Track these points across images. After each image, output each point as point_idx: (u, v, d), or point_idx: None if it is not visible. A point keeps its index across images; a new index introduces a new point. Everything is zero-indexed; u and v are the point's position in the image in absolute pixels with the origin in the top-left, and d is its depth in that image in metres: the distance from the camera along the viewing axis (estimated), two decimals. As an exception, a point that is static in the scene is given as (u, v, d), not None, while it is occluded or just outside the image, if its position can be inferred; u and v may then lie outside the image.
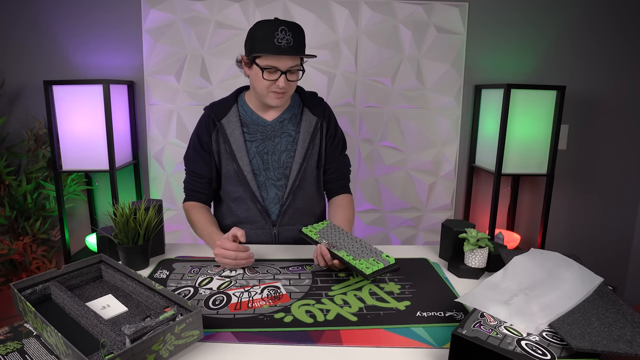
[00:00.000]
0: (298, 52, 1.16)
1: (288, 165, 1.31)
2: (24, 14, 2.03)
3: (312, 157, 1.33)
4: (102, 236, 1.11)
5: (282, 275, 1.07)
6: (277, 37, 1.13)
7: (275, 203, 1.33)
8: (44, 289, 0.90)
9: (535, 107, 1.96)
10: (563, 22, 2.16)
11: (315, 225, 1.17)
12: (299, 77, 1.22)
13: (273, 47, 1.13)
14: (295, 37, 1.15)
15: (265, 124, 1.31)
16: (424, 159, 2.24)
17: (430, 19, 2.10)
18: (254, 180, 1.29)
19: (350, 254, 1.03)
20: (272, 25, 1.14)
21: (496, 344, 0.69)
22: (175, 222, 2.22)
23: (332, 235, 1.12)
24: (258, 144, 1.30)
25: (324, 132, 1.35)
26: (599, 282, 0.91)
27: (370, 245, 1.09)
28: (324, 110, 1.36)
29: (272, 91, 1.21)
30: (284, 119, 1.32)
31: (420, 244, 1.59)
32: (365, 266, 0.97)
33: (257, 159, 1.30)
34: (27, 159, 2.09)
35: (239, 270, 1.09)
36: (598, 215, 2.38)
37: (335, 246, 1.06)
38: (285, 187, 1.32)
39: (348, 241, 1.09)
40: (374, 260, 1.00)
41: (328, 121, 1.36)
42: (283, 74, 1.17)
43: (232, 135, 1.29)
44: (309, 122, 1.32)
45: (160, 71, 2.08)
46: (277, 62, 1.16)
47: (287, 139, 1.31)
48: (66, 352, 0.68)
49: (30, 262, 2.02)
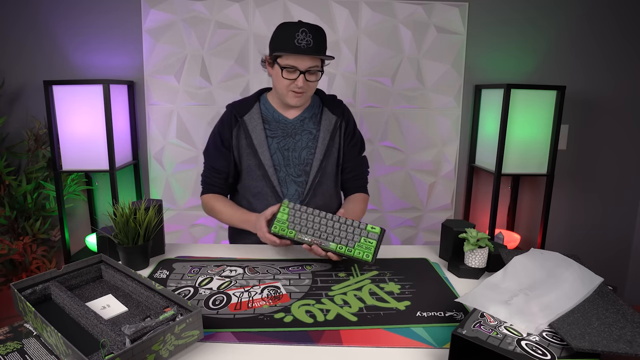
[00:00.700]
0: (317, 53, 1.20)
1: (309, 162, 1.34)
2: (24, 14, 2.03)
3: (332, 155, 1.37)
4: (102, 236, 1.11)
5: (282, 275, 1.07)
6: (298, 38, 1.18)
7: (295, 199, 1.35)
8: (44, 289, 0.90)
9: (535, 107, 1.96)
10: (563, 22, 2.16)
11: (278, 216, 1.11)
12: (318, 77, 1.27)
13: (293, 47, 1.18)
14: (315, 39, 1.20)
15: (286, 122, 1.35)
16: (424, 159, 2.24)
17: (430, 19, 2.10)
18: (275, 175, 1.32)
19: (340, 242, 1.02)
20: (294, 26, 1.20)
21: (496, 344, 0.69)
22: (175, 222, 2.22)
23: (303, 221, 1.09)
24: (279, 140, 1.34)
25: (343, 131, 1.39)
26: (599, 282, 0.91)
27: (346, 220, 1.08)
28: (344, 110, 1.41)
29: (292, 90, 1.26)
30: (305, 117, 1.36)
31: (420, 244, 1.59)
32: (364, 253, 0.97)
33: (278, 154, 1.33)
34: (27, 159, 2.09)
35: (239, 270, 1.09)
36: (598, 215, 2.38)
37: (319, 239, 1.05)
38: (305, 184, 1.35)
39: (324, 223, 1.08)
40: (365, 240, 1.00)
41: (347, 121, 1.41)
42: (302, 73, 1.22)
43: (253, 130, 1.32)
44: (329, 121, 1.36)
45: (160, 71, 2.08)
46: (296, 61, 1.21)
47: (307, 136, 1.35)
48: (66, 352, 0.68)
49: (30, 262, 2.02)
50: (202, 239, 2.25)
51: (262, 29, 2.07)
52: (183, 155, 2.16)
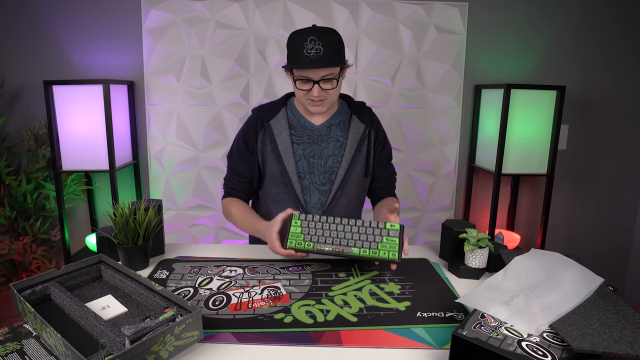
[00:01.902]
0: (326, 63, 1.14)
1: (334, 171, 1.30)
2: (24, 14, 2.03)
3: (359, 164, 1.32)
4: (101, 236, 1.11)
5: (282, 276, 1.07)
6: (307, 48, 1.13)
7: (317, 208, 1.30)
8: (44, 290, 0.90)
9: (535, 107, 1.95)
10: (563, 22, 2.16)
11: (291, 230, 1.05)
12: (334, 85, 1.19)
13: (302, 59, 1.14)
14: (326, 46, 1.13)
15: (312, 128, 1.30)
16: (424, 159, 2.24)
17: (430, 19, 2.10)
18: (298, 182, 1.27)
19: (362, 245, 0.98)
20: (303, 35, 1.15)
21: (497, 345, 0.69)
22: (175, 222, 2.22)
23: (319, 231, 1.05)
24: (305, 147, 1.29)
25: (372, 140, 1.34)
26: (599, 282, 0.91)
27: (363, 222, 1.05)
28: (372, 119, 1.36)
29: (309, 99, 1.21)
30: (332, 124, 1.31)
31: (420, 244, 1.59)
32: (389, 253, 0.95)
33: (303, 161, 1.29)
34: (27, 159, 2.09)
35: (239, 271, 1.09)
36: (598, 215, 2.37)
37: (340, 246, 1.00)
38: (329, 193, 1.30)
39: (341, 229, 1.04)
40: (387, 240, 0.97)
41: (377, 130, 1.36)
42: (316, 83, 1.17)
43: (279, 135, 1.28)
44: (357, 129, 1.31)
45: (160, 71, 2.08)
46: (308, 72, 1.16)
47: (334, 144, 1.30)
48: (66, 353, 0.68)
49: (30, 262, 2.02)
50: (202, 239, 2.25)
51: (262, 29, 2.06)
52: (183, 155, 2.16)
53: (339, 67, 1.19)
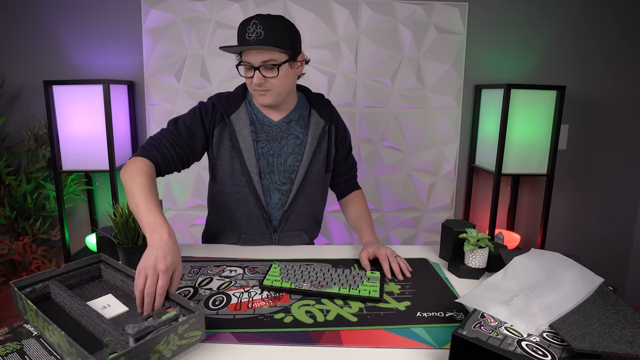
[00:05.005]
0: (262, 44, 1.07)
1: (294, 169, 1.26)
2: (25, 14, 2.03)
3: (319, 162, 1.28)
4: (102, 236, 1.11)
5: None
6: (249, 32, 1.08)
7: (278, 208, 1.27)
8: (44, 288, 0.90)
9: (535, 107, 1.96)
10: (563, 22, 2.16)
11: (270, 272, 1.02)
12: (275, 73, 1.12)
13: (241, 41, 1.10)
14: (267, 30, 1.07)
15: (271, 124, 1.24)
16: (424, 159, 2.24)
17: (430, 19, 2.10)
18: (259, 182, 1.23)
19: (342, 285, 0.96)
20: (247, 20, 1.10)
21: (497, 345, 0.69)
22: (175, 222, 2.22)
23: (297, 273, 1.02)
24: (263, 145, 1.24)
25: (333, 136, 1.31)
26: (599, 282, 0.91)
27: (344, 269, 1.03)
28: (332, 113, 1.31)
29: (255, 89, 1.16)
30: (291, 119, 1.26)
31: (420, 244, 1.59)
32: (370, 290, 0.93)
33: (263, 160, 1.24)
34: (27, 159, 2.09)
35: (239, 271, 1.09)
36: (598, 215, 2.38)
37: (319, 284, 0.97)
38: (289, 192, 1.27)
39: (322, 273, 1.01)
40: (367, 282, 0.97)
41: (337, 125, 1.32)
42: (256, 69, 1.11)
43: (240, 132, 1.21)
44: (317, 125, 1.27)
45: (160, 71, 2.08)
46: (247, 56, 1.11)
47: (294, 141, 1.25)
48: (69, 351, 0.68)
49: (30, 262, 2.02)
50: (202, 239, 2.25)
51: (262, 29, 2.06)
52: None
53: (283, 53, 1.11)
